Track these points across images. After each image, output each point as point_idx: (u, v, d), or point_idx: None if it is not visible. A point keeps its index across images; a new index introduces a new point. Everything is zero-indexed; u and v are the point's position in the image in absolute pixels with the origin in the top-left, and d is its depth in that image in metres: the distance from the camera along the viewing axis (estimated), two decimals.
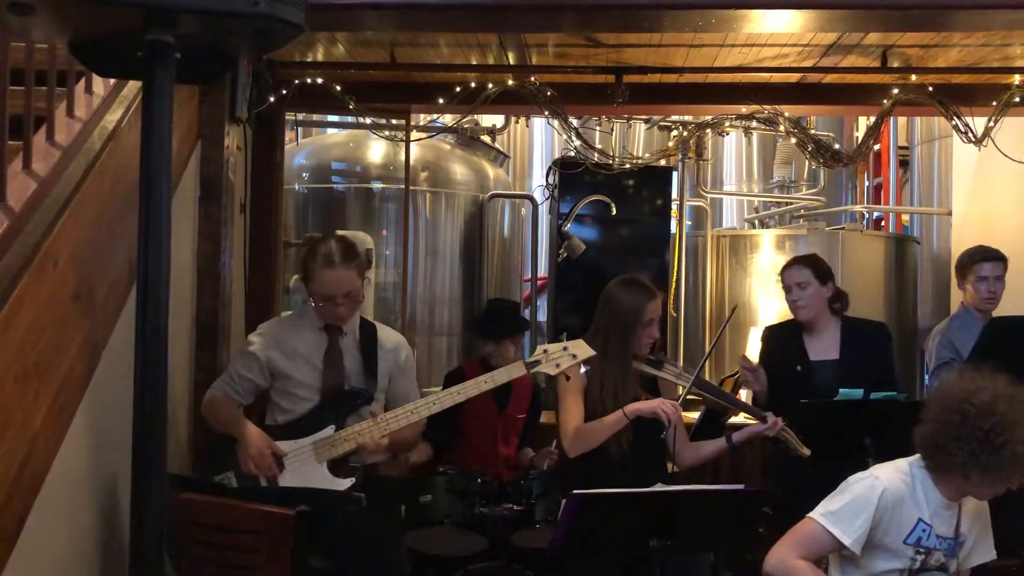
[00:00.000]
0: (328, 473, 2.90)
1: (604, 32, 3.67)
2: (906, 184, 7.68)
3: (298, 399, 3.02)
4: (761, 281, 5.92)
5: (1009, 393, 2.22)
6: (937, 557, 2.37)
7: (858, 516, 2.32)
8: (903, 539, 2.35)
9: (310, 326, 3.10)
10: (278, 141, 4.35)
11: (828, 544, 2.36)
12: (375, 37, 3.82)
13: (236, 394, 3.10)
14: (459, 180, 5.56)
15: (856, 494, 2.36)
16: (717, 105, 4.36)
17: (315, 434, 2.94)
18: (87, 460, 2.55)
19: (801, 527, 2.40)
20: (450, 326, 5.45)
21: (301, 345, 3.06)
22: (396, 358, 3.14)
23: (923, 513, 2.35)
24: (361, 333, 3.11)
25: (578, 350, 3.00)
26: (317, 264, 2.98)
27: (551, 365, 2.98)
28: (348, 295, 2.99)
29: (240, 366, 3.11)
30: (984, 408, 2.19)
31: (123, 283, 2.78)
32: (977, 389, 2.23)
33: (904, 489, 2.35)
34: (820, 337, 3.57)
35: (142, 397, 1.34)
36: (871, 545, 2.36)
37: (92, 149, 2.64)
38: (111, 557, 2.66)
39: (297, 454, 2.92)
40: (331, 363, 3.04)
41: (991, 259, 3.85)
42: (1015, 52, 3.83)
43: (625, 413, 3.01)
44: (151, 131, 1.36)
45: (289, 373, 3.04)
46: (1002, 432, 2.16)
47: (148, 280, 1.34)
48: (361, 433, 2.91)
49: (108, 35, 1.38)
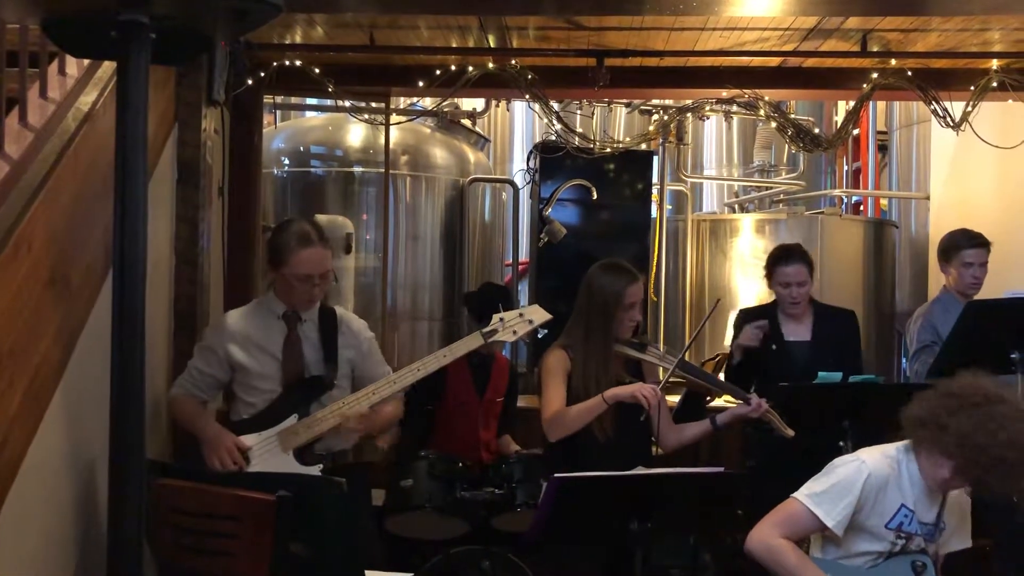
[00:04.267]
0: (295, 462, 2.89)
1: (585, 15, 3.65)
2: (885, 168, 7.72)
3: (259, 391, 2.98)
4: (741, 265, 5.95)
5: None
6: (917, 542, 2.39)
7: (842, 499, 2.34)
8: (885, 523, 2.38)
9: (267, 315, 3.04)
10: (256, 124, 4.32)
11: (811, 524, 2.38)
12: (354, 19, 3.78)
13: (198, 390, 3.05)
14: (440, 164, 5.53)
15: (842, 476, 2.38)
16: (698, 89, 4.37)
17: (279, 424, 2.91)
18: (64, 446, 2.53)
19: (785, 507, 2.42)
20: (431, 311, 5.44)
21: (258, 336, 3.01)
22: (357, 344, 3.10)
23: (906, 499, 2.37)
24: (320, 319, 3.06)
25: (535, 315, 2.99)
26: (293, 244, 2.92)
27: (508, 332, 2.97)
28: (324, 275, 2.97)
29: (199, 361, 3.06)
30: (994, 404, 2.22)
31: (100, 267, 2.75)
32: (997, 390, 2.26)
33: (889, 474, 2.37)
34: (795, 320, 3.72)
35: (119, 382, 1.33)
36: (853, 527, 2.38)
37: (66, 131, 2.60)
38: (89, 544, 2.64)
39: (263, 446, 2.90)
40: (290, 352, 2.99)
41: (976, 245, 3.88)
42: (993, 37, 3.85)
43: (604, 398, 3.01)
44: (126, 113, 1.33)
45: (248, 365, 2.99)
46: (997, 431, 2.18)
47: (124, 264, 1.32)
48: (324, 419, 2.89)
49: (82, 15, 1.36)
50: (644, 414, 2.97)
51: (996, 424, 2.18)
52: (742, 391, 3.29)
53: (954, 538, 2.50)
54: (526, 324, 2.97)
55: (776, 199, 6.76)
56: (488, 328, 2.98)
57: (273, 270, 3.01)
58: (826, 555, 2.46)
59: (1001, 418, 2.19)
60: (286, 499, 2.19)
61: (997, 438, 2.17)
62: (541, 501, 2.59)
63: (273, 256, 2.99)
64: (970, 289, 3.88)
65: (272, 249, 3.01)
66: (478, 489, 3.39)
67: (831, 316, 3.76)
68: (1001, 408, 2.21)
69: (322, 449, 2.98)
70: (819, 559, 2.44)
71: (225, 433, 2.91)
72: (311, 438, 2.92)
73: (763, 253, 5.86)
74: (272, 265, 3.00)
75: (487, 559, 3.33)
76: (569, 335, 3.19)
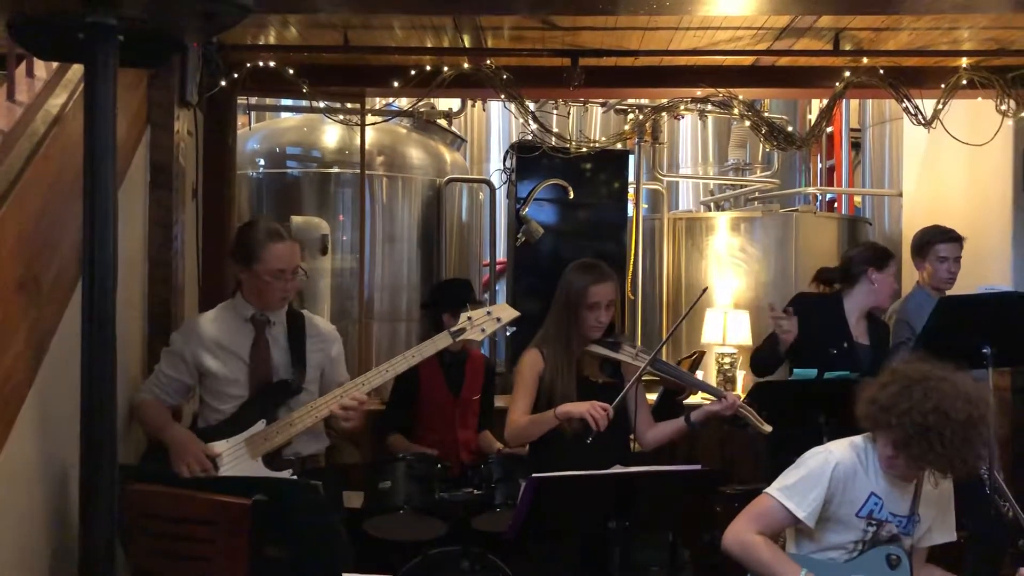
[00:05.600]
0: (264, 468, 2.86)
1: (559, 15, 3.66)
2: (858, 166, 7.79)
3: (227, 396, 2.95)
4: (717, 263, 5.98)
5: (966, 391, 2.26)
6: (889, 528, 2.42)
7: (812, 490, 2.37)
8: (855, 512, 2.41)
9: (235, 318, 3.01)
10: (230, 125, 4.28)
11: (784, 518, 2.41)
12: (328, 19, 3.77)
13: (165, 395, 3.01)
14: (416, 164, 5.52)
15: (810, 468, 2.41)
16: (672, 88, 4.38)
17: (247, 430, 2.88)
18: (36, 453, 2.50)
19: (757, 502, 2.44)
20: (409, 312, 5.42)
21: (226, 339, 2.98)
22: (326, 349, 3.08)
23: (875, 487, 2.40)
24: (289, 323, 3.03)
25: (502, 313, 2.98)
26: (263, 240, 2.90)
27: (476, 331, 2.96)
28: (295, 271, 2.95)
29: (165, 366, 3.02)
30: (931, 380, 2.26)
31: (71, 271, 2.72)
32: (942, 372, 2.29)
33: (856, 463, 2.40)
34: (858, 322, 3.75)
35: (90, 387, 1.32)
36: (825, 518, 2.41)
37: (35, 134, 2.57)
38: (61, 552, 2.61)
39: (231, 452, 2.86)
40: (258, 356, 2.96)
41: (950, 240, 3.92)
42: (962, 36, 3.90)
43: (556, 414, 3.00)
44: (94, 116, 1.33)
45: (216, 370, 2.96)
46: (923, 400, 2.22)
47: (94, 268, 1.31)
48: (292, 424, 2.87)
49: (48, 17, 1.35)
50: (591, 436, 2.90)
51: (924, 393, 2.23)
52: (715, 387, 3.30)
53: (936, 532, 2.53)
54: (494, 322, 2.97)
55: (751, 197, 6.80)
56: (456, 327, 2.97)
57: (244, 269, 2.96)
58: (801, 550, 2.48)
59: (933, 390, 2.23)
60: (262, 503, 2.17)
61: (924, 406, 2.21)
62: (519, 501, 2.59)
63: (243, 254, 2.94)
64: (944, 284, 3.92)
65: (241, 247, 2.96)
66: (457, 490, 3.39)
67: (879, 324, 3.82)
68: (937, 383, 2.25)
69: (291, 454, 2.95)
70: (794, 554, 2.46)
71: (193, 440, 2.87)
72: (280, 443, 2.89)
73: (739, 251, 5.94)
74: (243, 263, 2.95)
75: (466, 559, 3.33)
76: (543, 334, 3.20)
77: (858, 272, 3.73)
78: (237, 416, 2.93)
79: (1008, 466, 4.02)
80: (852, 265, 3.77)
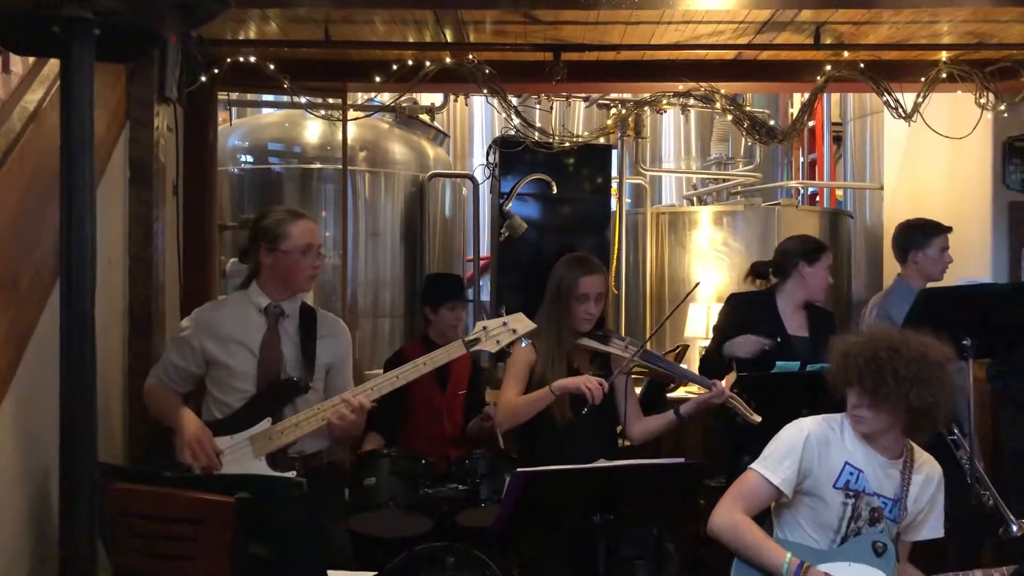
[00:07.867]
0: (267, 467, 2.84)
1: (541, 9, 3.65)
2: (840, 159, 7.83)
3: (233, 389, 2.92)
4: (700, 257, 6.00)
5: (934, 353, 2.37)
6: (869, 501, 2.45)
7: (786, 458, 2.46)
8: (832, 483, 2.46)
9: (248, 308, 2.98)
10: (210, 121, 4.25)
11: (764, 491, 2.48)
12: (308, 14, 3.74)
13: (172, 382, 2.99)
14: (398, 160, 5.50)
15: (783, 438, 2.52)
16: (654, 83, 4.38)
17: (251, 428, 2.86)
18: (15, 453, 2.48)
19: (740, 480, 2.53)
20: (392, 308, 5.41)
21: (237, 330, 2.95)
22: (336, 349, 3.05)
23: (850, 457, 2.46)
24: (301, 318, 3.01)
25: (518, 325, 2.96)
26: (286, 219, 2.91)
27: (491, 342, 2.94)
28: (320, 249, 2.97)
29: (173, 354, 3.00)
30: (892, 336, 2.39)
31: (49, 269, 2.69)
32: (902, 334, 2.41)
33: (829, 432, 2.49)
34: (794, 315, 3.74)
35: (69, 386, 1.30)
36: (804, 493, 2.47)
37: (12, 131, 2.54)
38: (42, 551, 2.59)
39: (234, 450, 2.84)
40: (268, 349, 2.93)
41: (943, 231, 3.94)
42: (942, 29, 3.92)
43: (551, 389, 3.02)
44: (71, 111, 1.31)
45: (224, 361, 2.93)
46: (872, 339, 2.38)
47: (72, 265, 1.29)
48: (298, 426, 2.84)
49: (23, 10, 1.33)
50: (586, 407, 2.95)
51: (884, 338, 2.37)
52: (704, 378, 3.30)
53: (925, 525, 2.56)
54: (509, 333, 2.94)
55: (734, 191, 6.83)
56: (471, 337, 2.95)
57: (270, 252, 2.93)
58: (786, 534, 2.52)
59: (892, 336, 2.37)
60: (245, 501, 2.16)
61: (879, 344, 2.34)
62: (504, 496, 2.59)
63: (267, 237, 2.92)
64: (941, 275, 3.95)
65: (264, 231, 2.94)
66: (441, 486, 3.38)
67: (819, 314, 3.80)
68: (900, 334, 2.39)
69: (294, 452, 2.93)
70: (781, 539, 2.49)
71: (203, 430, 2.83)
72: (283, 444, 2.86)
73: (722, 244, 5.96)
74: (269, 246, 2.92)
75: (452, 555, 3.33)
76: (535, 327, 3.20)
77: (790, 266, 3.73)
78: (243, 412, 2.89)
79: (987, 456, 4.06)
80: (784, 259, 3.77)
